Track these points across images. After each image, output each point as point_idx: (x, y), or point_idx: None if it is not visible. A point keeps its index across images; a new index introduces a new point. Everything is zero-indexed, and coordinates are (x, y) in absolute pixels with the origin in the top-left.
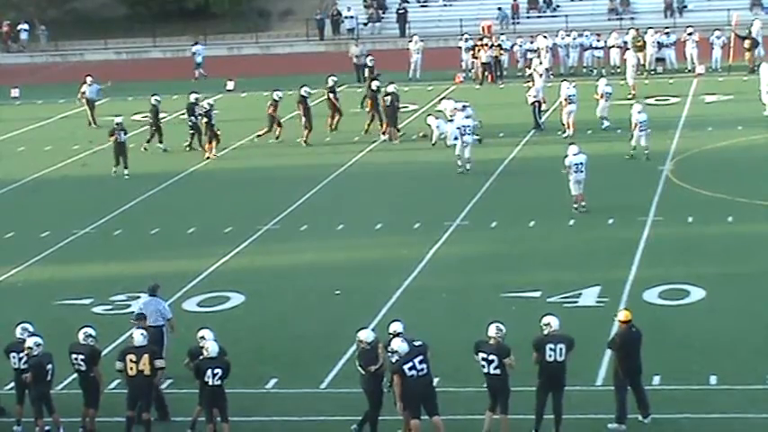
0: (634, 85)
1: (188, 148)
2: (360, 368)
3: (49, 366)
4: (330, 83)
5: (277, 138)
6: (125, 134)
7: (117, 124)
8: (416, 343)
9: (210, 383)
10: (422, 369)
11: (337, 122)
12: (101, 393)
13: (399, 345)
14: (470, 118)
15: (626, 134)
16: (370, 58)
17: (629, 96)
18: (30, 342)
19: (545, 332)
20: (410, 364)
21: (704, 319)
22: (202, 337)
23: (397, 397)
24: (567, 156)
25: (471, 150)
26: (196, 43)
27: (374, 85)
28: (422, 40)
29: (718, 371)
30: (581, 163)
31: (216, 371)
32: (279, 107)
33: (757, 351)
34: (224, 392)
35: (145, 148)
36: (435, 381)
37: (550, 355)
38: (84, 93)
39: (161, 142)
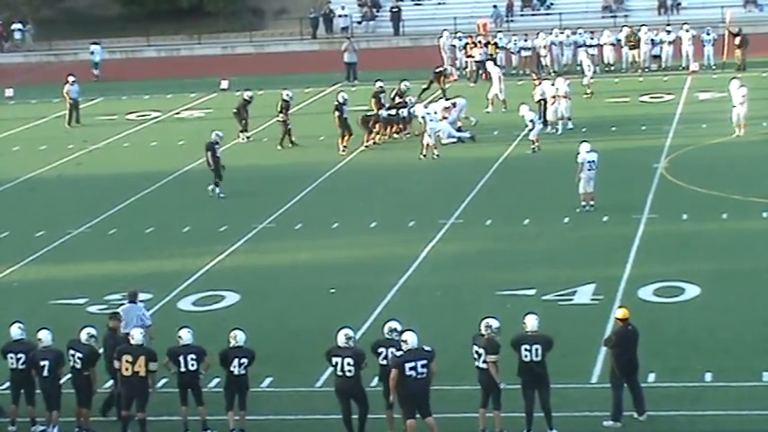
0: (589, 83)
1: (279, 147)
2: (352, 368)
3: (44, 363)
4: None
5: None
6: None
7: (217, 136)
8: (426, 348)
9: (237, 372)
10: (422, 373)
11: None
12: (93, 393)
13: (410, 336)
14: (462, 113)
15: (621, 131)
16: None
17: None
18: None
19: (527, 330)
20: (412, 365)
21: (699, 316)
22: (180, 337)
23: (391, 390)
24: (578, 153)
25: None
26: (94, 43)
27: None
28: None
29: (714, 368)
30: (593, 161)
31: (242, 360)
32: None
33: (752, 348)
34: (248, 381)
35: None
36: None
37: (526, 356)
38: (68, 92)
39: (290, 135)
